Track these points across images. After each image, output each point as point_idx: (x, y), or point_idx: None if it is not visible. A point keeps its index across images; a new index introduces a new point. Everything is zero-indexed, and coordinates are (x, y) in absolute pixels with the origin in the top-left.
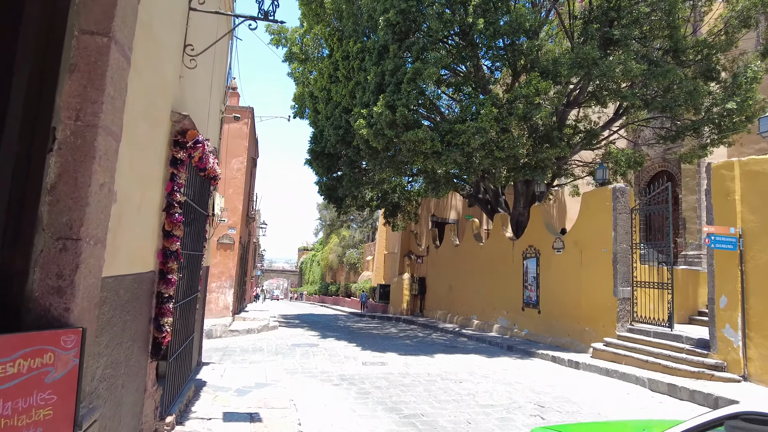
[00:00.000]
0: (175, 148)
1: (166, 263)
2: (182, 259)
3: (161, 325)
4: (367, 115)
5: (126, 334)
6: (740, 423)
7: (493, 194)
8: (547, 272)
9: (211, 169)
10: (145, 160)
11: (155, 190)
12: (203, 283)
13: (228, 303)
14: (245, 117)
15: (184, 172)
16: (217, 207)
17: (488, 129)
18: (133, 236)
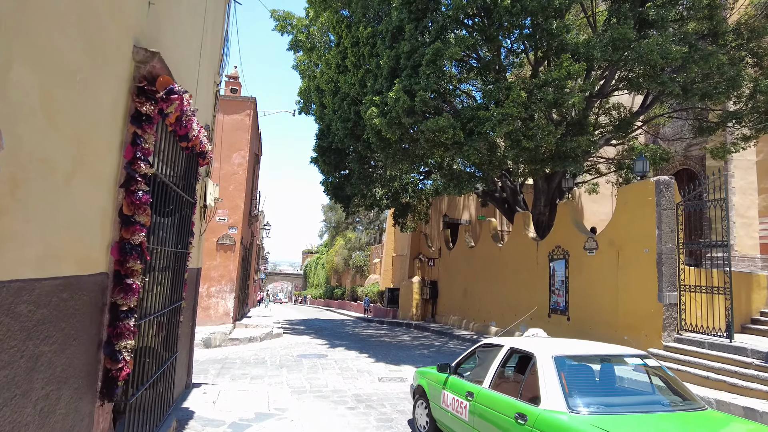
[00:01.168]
0: (139, 98)
1: (125, 262)
2: (150, 257)
3: (116, 351)
4: (380, 102)
5: (40, 374)
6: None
7: (511, 192)
8: (578, 275)
9: (196, 140)
10: (85, 108)
11: (106, 157)
12: (192, 289)
13: (228, 309)
14: (247, 108)
15: (152, 134)
16: (209, 196)
17: (516, 116)
18: (57, 221)
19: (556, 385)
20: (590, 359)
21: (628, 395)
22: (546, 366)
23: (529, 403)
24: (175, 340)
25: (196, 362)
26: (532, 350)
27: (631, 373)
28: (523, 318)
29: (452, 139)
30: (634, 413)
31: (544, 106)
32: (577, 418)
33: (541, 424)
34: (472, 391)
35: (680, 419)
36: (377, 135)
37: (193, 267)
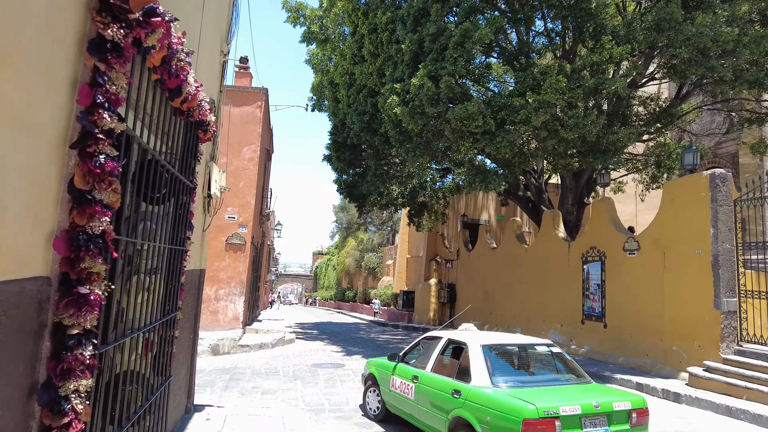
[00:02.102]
0: (102, 16)
1: (78, 261)
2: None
3: (60, 399)
4: (401, 90)
5: None
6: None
7: (536, 190)
8: (616, 278)
9: (193, 100)
10: (10, 18)
11: (47, 100)
12: (193, 295)
13: (238, 313)
14: (258, 100)
15: (123, 72)
16: (214, 185)
17: (554, 103)
18: None
19: (483, 367)
20: (510, 347)
21: (537, 374)
22: (475, 352)
23: (462, 381)
24: (169, 361)
25: (202, 372)
26: (465, 340)
27: (540, 357)
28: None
29: (482, 128)
30: (540, 386)
31: (582, 93)
32: (498, 390)
33: (471, 397)
34: (417, 375)
35: (573, 389)
36: (397, 127)
37: (193, 268)
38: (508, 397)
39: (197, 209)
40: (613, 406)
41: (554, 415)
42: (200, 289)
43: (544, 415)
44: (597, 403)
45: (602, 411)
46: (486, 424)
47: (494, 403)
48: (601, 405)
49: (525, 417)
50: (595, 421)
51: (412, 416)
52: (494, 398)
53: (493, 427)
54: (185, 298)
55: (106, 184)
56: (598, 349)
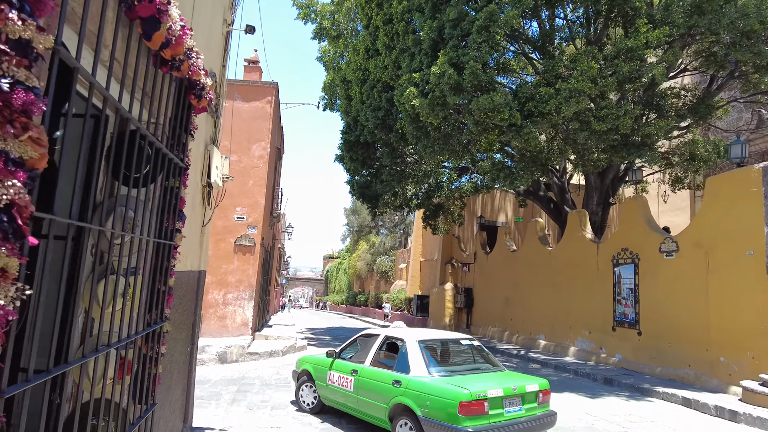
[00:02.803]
0: None
1: None
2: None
3: None
4: (419, 81)
5: None
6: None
7: (559, 190)
8: (652, 282)
9: (178, 45)
10: None
11: None
12: (190, 301)
13: (247, 318)
14: (268, 95)
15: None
16: (215, 172)
17: (586, 92)
18: None
19: (420, 359)
20: (440, 342)
21: (463, 364)
22: (413, 347)
23: (402, 373)
24: (152, 384)
25: (208, 383)
26: (403, 337)
27: (464, 349)
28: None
29: (508, 120)
30: (467, 374)
31: (616, 81)
32: (434, 379)
33: (411, 386)
34: (356, 369)
35: (493, 375)
36: (414, 122)
37: (189, 269)
38: (445, 384)
39: (193, 199)
40: (526, 388)
41: (483, 397)
42: (199, 294)
43: (476, 397)
44: (515, 386)
45: (518, 393)
46: (426, 407)
47: (433, 390)
48: (517, 388)
49: (461, 400)
50: (513, 401)
51: (350, 407)
52: (432, 386)
53: (432, 410)
54: (179, 304)
55: (18, 128)
56: (631, 359)
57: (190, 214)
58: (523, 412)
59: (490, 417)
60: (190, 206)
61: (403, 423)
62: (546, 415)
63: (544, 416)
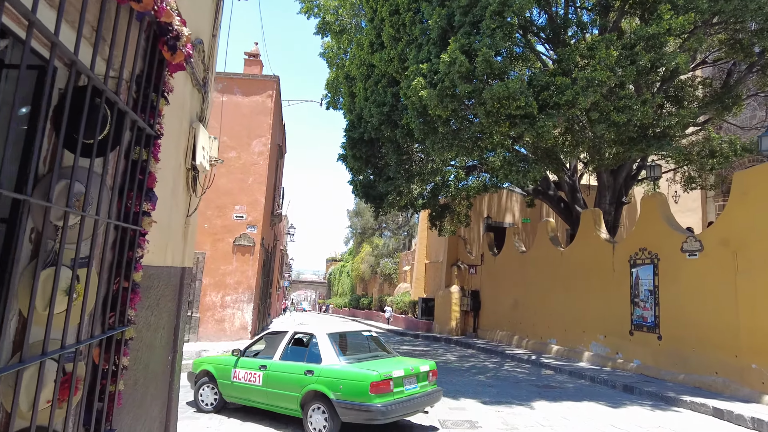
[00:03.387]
0: None
1: None
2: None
3: None
4: (427, 71)
5: None
6: None
7: (570, 189)
8: (673, 284)
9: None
10: None
11: None
12: (171, 302)
13: (246, 322)
14: (269, 89)
15: None
16: (201, 153)
17: (604, 81)
18: None
19: (331, 350)
20: (345, 334)
21: (366, 352)
22: (323, 339)
23: (314, 363)
24: (107, 407)
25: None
26: (312, 331)
27: (364, 339)
28: None
29: (524, 109)
30: (371, 360)
31: (636, 70)
32: (345, 365)
33: (324, 373)
34: (265, 364)
35: (391, 360)
36: (421, 116)
37: (171, 265)
38: (355, 368)
39: (175, 184)
40: (420, 369)
41: (389, 377)
42: (183, 293)
43: (384, 377)
44: (412, 367)
45: (414, 373)
46: (339, 391)
47: (345, 375)
48: (414, 369)
49: (372, 380)
50: (411, 380)
51: (258, 401)
52: (344, 371)
53: (345, 392)
54: (155, 305)
55: None
56: (651, 364)
57: (170, 200)
58: (418, 389)
59: (394, 394)
60: (170, 192)
61: (316, 407)
62: (435, 391)
63: (433, 392)
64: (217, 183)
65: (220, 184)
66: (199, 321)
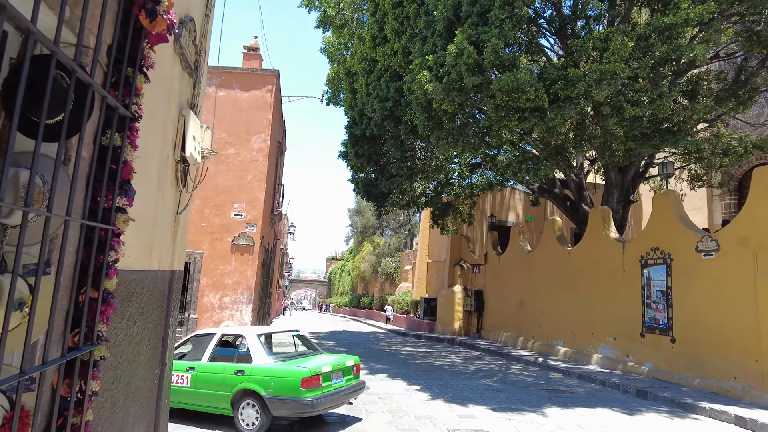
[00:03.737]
0: None
1: None
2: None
3: None
4: (433, 64)
5: None
6: None
7: (576, 187)
8: (687, 284)
9: None
10: None
11: None
12: (157, 310)
13: (245, 323)
14: (268, 83)
15: None
16: (192, 143)
17: (619, 74)
18: None
19: (261, 349)
20: (273, 334)
21: (291, 350)
22: (253, 340)
23: (244, 363)
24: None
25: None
26: (242, 332)
27: (290, 339)
28: None
29: (534, 102)
30: (296, 358)
31: (651, 62)
32: (275, 364)
33: (255, 372)
34: (193, 366)
35: (318, 356)
36: (426, 111)
37: (158, 269)
38: (285, 366)
39: (162, 177)
40: (346, 364)
41: (318, 372)
42: (173, 300)
43: (314, 373)
44: (339, 363)
45: (341, 368)
46: (270, 388)
47: (276, 372)
48: (340, 364)
49: (303, 376)
50: (338, 375)
51: (185, 402)
52: (275, 369)
53: (277, 389)
54: (138, 315)
55: None
56: (664, 368)
57: (156, 196)
58: (344, 382)
59: (323, 388)
60: (156, 186)
61: (247, 403)
62: (359, 383)
63: (358, 384)
64: (216, 181)
65: (218, 181)
66: (196, 323)
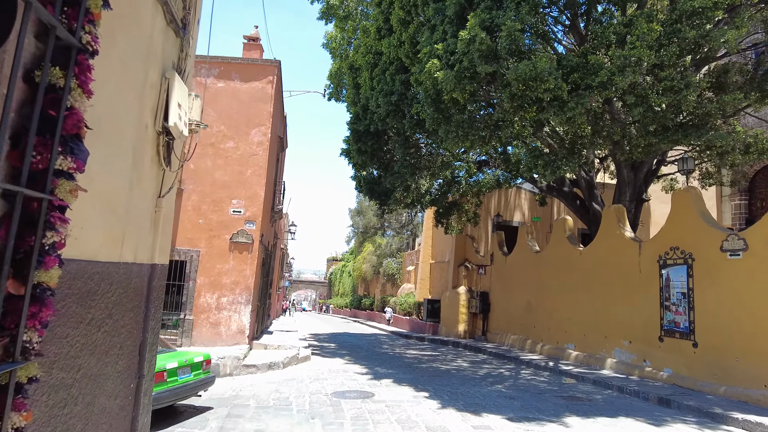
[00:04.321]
0: None
1: None
2: None
3: None
4: (443, 52)
5: None
6: None
7: (587, 185)
8: (710, 286)
9: None
10: None
11: None
12: (133, 310)
13: (243, 325)
14: (269, 74)
15: None
16: (176, 112)
17: (645, 61)
18: None
19: None
20: None
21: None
22: None
23: None
24: None
25: (194, 402)
26: None
27: None
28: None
29: (553, 91)
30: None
31: (678, 49)
32: None
33: None
34: None
35: (168, 354)
36: (434, 102)
37: (134, 261)
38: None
39: (139, 151)
40: (194, 360)
41: (162, 369)
42: (151, 299)
43: (158, 370)
44: (186, 360)
45: (188, 363)
46: None
47: None
48: (188, 360)
49: None
50: (185, 370)
51: None
52: None
53: None
54: (106, 318)
55: None
56: (685, 374)
57: (131, 173)
58: (192, 377)
59: (168, 383)
60: (130, 161)
61: None
62: (209, 377)
63: (207, 378)
64: (214, 175)
65: (216, 176)
66: (192, 324)
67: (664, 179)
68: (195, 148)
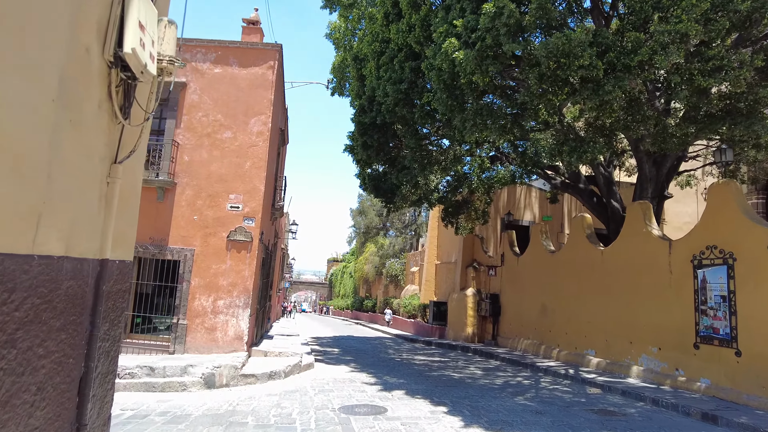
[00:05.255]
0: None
1: None
2: None
3: None
4: (462, 30)
5: None
6: None
7: (605, 181)
8: (756, 289)
9: None
10: None
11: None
12: (64, 323)
13: (241, 330)
14: (270, 59)
15: None
16: (134, 33)
17: (692, 35)
18: None
19: None
20: None
21: None
22: None
23: None
24: None
25: (186, 420)
26: None
27: None
28: None
29: (587, 71)
30: None
31: (728, 24)
32: None
33: None
34: None
35: None
36: (449, 87)
37: (66, 255)
38: None
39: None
40: None
41: None
42: (97, 311)
43: None
44: None
45: None
46: None
47: None
48: None
49: None
50: None
51: None
52: None
53: None
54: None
55: None
56: (726, 385)
57: (55, 114)
58: None
59: None
60: (53, 94)
61: None
62: None
63: None
64: (210, 168)
65: (212, 169)
66: (186, 329)
67: (680, 176)
68: (170, 92)
